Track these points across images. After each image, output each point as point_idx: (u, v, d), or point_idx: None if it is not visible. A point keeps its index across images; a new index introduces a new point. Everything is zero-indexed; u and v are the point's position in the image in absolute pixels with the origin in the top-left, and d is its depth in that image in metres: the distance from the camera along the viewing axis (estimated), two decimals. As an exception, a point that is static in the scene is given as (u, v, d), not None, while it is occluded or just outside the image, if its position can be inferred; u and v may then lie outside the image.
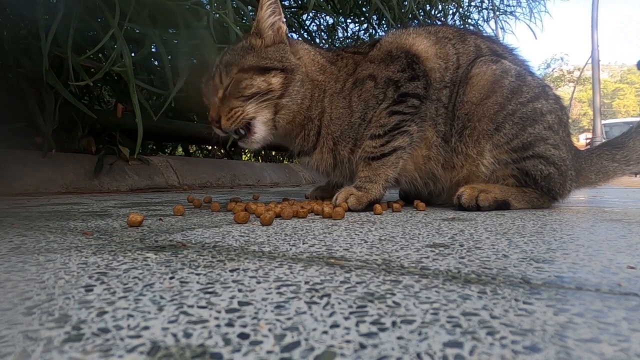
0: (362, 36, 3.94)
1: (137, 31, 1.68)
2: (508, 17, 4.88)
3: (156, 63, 2.39)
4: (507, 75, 1.25)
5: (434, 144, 1.27)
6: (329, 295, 0.38)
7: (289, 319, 0.32)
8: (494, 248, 0.60)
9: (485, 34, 1.53)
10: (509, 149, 1.22)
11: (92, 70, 2.03)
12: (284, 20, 1.24)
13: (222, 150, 4.23)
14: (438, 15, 3.89)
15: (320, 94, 1.27)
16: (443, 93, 1.27)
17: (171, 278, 0.44)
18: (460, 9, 4.16)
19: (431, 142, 1.27)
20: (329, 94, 1.27)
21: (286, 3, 3.27)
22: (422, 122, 1.24)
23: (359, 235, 0.72)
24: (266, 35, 1.23)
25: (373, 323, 0.31)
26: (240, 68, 1.17)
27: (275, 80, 1.17)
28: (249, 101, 1.16)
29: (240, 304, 0.35)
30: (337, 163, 1.30)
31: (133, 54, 1.79)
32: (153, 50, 1.99)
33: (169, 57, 1.76)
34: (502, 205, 1.19)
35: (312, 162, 1.31)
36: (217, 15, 1.74)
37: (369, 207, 1.16)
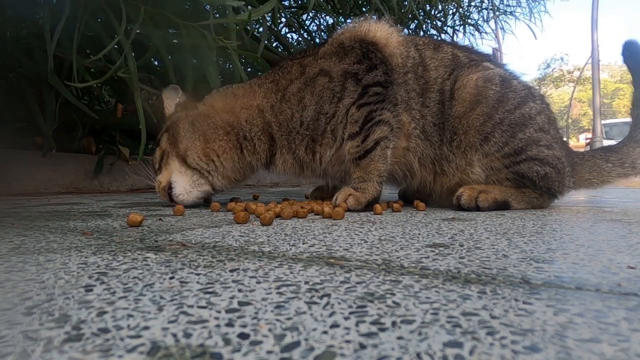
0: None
1: (138, 31, 1.67)
2: (508, 17, 4.88)
3: (156, 63, 2.39)
4: (491, 84, 1.24)
5: (412, 134, 1.26)
6: (329, 295, 0.38)
7: (289, 319, 0.32)
8: (494, 248, 0.60)
9: (461, 44, 1.54)
10: (500, 156, 1.22)
11: (92, 70, 2.03)
12: (180, 94, 1.40)
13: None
14: (438, 15, 3.89)
15: (252, 112, 1.28)
16: (409, 77, 1.27)
17: (171, 278, 0.44)
18: (460, 9, 4.16)
19: (409, 130, 1.26)
20: (267, 107, 1.27)
21: (286, 3, 3.27)
22: (394, 107, 1.23)
23: (359, 235, 0.72)
24: (168, 113, 1.40)
25: (373, 323, 0.31)
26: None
27: (163, 142, 1.32)
28: (160, 171, 1.34)
29: (240, 304, 0.35)
30: (301, 164, 1.30)
31: (134, 56, 1.79)
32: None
33: (169, 57, 1.76)
34: (501, 206, 1.19)
35: (277, 168, 1.32)
36: (217, 15, 1.75)
37: (368, 206, 1.16)
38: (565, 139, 1.46)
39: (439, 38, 3.97)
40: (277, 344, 0.27)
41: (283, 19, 3.19)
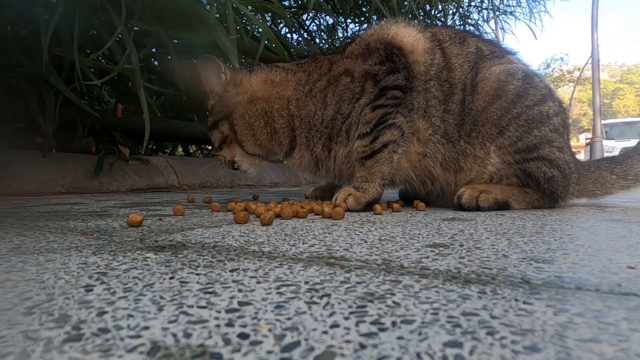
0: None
1: (137, 28, 1.67)
2: (508, 17, 4.88)
3: (156, 63, 2.39)
4: (513, 78, 1.24)
5: (431, 140, 1.25)
6: (329, 295, 0.38)
7: (289, 319, 0.32)
8: (493, 248, 0.60)
9: (486, 38, 1.52)
10: (513, 150, 1.21)
11: (93, 70, 2.03)
12: (223, 70, 1.38)
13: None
14: (438, 15, 3.89)
15: (282, 103, 1.33)
16: (431, 85, 1.26)
17: (171, 278, 0.44)
18: (460, 9, 4.16)
19: (425, 136, 1.25)
20: (294, 99, 1.32)
21: (286, 3, 3.27)
22: (409, 112, 1.23)
23: (359, 235, 0.72)
24: (217, 92, 1.40)
25: (373, 323, 0.31)
26: (207, 129, 1.44)
27: (225, 128, 1.38)
28: (221, 149, 1.42)
29: (240, 304, 0.35)
30: (317, 161, 1.33)
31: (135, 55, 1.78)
32: (153, 50, 1.99)
33: (169, 57, 1.76)
34: (502, 206, 1.19)
35: (294, 162, 1.37)
36: (217, 15, 1.74)
37: (368, 207, 1.16)
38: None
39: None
40: (277, 344, 0.27)
41: (283, 19, 3.19)
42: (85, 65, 1.62)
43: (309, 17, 3.60)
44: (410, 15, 3.20)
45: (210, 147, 4.32)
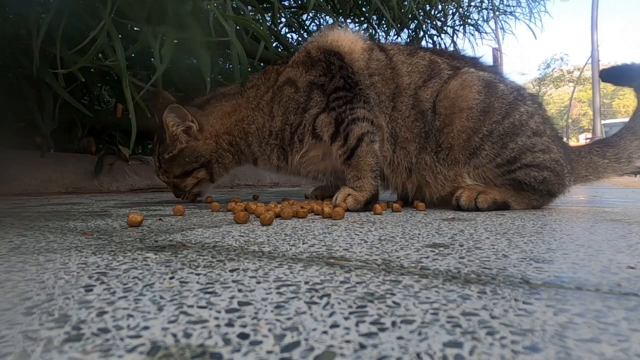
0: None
1: (130, 27, 1.66)
2: (508, 17, 4.88)
3: (152, 60, 2.39)
4: (471, 91, 1.21)
5: (384, 138, 1.27)
6: (328, 295, 0.38)
7: (288, 319, 0.32)
8: (493, 248, 0.60)
9: (443, 50, 1.53)
10: (493, 166, 1.21)
11: (92, 70, 2.03)
12: (191, 119, 1.37)
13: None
14: (438, 15, 3.89)
15: (240, 126, 1.37)
16: (375, 79, 1.28)
17: (171, 278, 0.44)
18: (460, 9, 4.16)
19: (383, 134, 1.27)
20: (246, 117, 1.36)
21: (286, 3, 3.27)
22: (366, 104, 1.24)
23: (358, 235, 0.72)
24: (183, 141, 1.39)
25: (373, 323, 0.31)
26: (174, 176, 1.43)
27: (201, 174, 1.42)
28: (191, 188, 1.45)
29: (240, 304, 0.35)
30: (278, 167, 1.38)
31: (128, 51, 1.78)
32: (152, 50, 1.98)
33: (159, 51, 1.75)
34: (501, 207, 1.19)
35: (261, 167, 1.44)
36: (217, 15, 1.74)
37: (368, 205, 1.16)
38: (565, 139, 1.45)
39: (439, 38, 3.97)
40: (277, 344, 0.27)
41: (283, 19, 3.19)
42: (70, 57, 1.61)
43: (308, 17, 3.60)
44: (410, 16, 3.20)
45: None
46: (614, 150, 1.36)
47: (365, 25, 3.53)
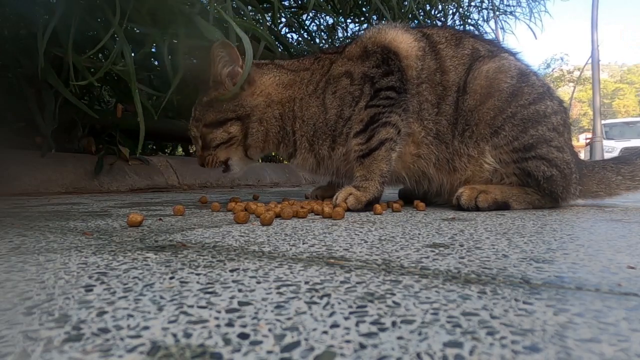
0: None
1: (137, 31, 1.67)
2: (508, 17, 4.88)
3: (156, 63, 2.39)
4: (505, 76, 1.23)
5: (424, 142, 1.26)
6: (329, 295, 0.38)
7: (289, 319, 0.32)
8: (494, 248, 0.60)
9: (483, 38, 1.52)
10: (509, 149, 1.21)
11: (92, 70, 2.03)
12: (241, 64, 1.28)
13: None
14: (438, 15, 3.89)
15: (290, 105, 1.31)
16: (424, 88, 1.27)
17: (171, 278, 0.44)
18: (460, 9, 4.16)
19: (419, 139, 1.26)
20: (298, 99, 1.31)
21: (286, 3, 3.27)
22: (403, 112, 1.24)
23: (359, 235, 0.72)
24: (226, 85, 1.29)
25: (373, 323, 0.31)
26: (204, 124, 1.30)
27: (234, 129, 1.29)
28: (218, 148, 1.31)
29: (240, 304, 0.35)
30: (319, 161, 1.33)
31: (134, 54, 1.78)
32: (153, 50, 1.99)
33: (169, 57, 1.76)
34: (502, 206, 1.19)
35: (297, 162, 1.36)
36: (217, 14, 1.74)
37: (369, 206, 1.16)
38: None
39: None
40: (277, 344, 0.27)
41: (283, 19, 3.19)
42: (82, 65, 1.62)
43: (308, 17, 3.60)
44: (410, 15, 3.20)
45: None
46: (629, 168, 1.36)
47: (365, 25, 3.52)
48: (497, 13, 4.74)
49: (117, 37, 1.52)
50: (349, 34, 4.13)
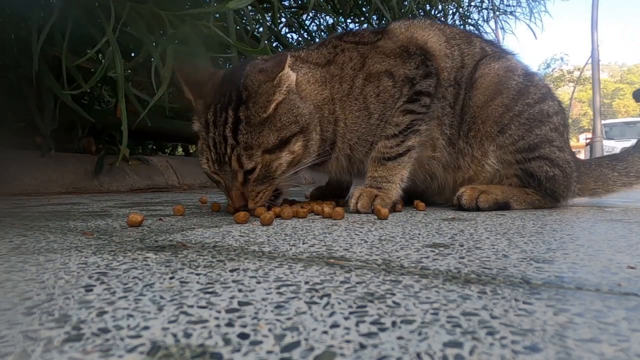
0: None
1: (133, 34, 1.67)
2: (508, 17, 4.89)
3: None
4: (514, 74, 1.24)
5: (439, 145, 1.26)
6: (329, 295, 0.38)
7: (289, 319, 0.32)
8: (494, 248, 0.60)
9: (487, 39, 1.51)
10: (514, 150, 1.21)
11: (92, 70, 2.03)
12: (288, 61, 1.02)
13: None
14: (438, 15, 3.89)
15: (330, 108, 1.15)
16: (449, 91, 1.26)
17: (171, 278, 0.44)
18: (460, 9, 4.16)
19: (437, 143, 1.26)
20: (337, 99, 1.15)
21: (286, 3, 3.27)
22: (430, 121, 1.23)
23: (359, 235, 0.72)
24: (283, 90, 1.02)
25: (373, 323, 0.31)
26: (264, 150, 0.98)
27: (298, 146, 1.03)
28: (283, 175, 1.03)
29: (240, 304, 0.35)
30: (352, 164, 1.25)
31: (133, 54, 1.79)
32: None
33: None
34: (502, 207, 1.19)
35: (327, 169, 1.24)
36: (217, 14, 1.74)
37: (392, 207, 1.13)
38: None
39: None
40: (277, 344, 0.27)
41: (283, 19, 3.19)
42: (76, 72, 1.62)
43: (308, 17, 3.60)
44: (410, 15, 3.20)
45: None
46: (623, 164, 1.38)
47: (365, 25, 3.53)
48: (497, 13, 4.74)
49: (110, 44, 1.52)
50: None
